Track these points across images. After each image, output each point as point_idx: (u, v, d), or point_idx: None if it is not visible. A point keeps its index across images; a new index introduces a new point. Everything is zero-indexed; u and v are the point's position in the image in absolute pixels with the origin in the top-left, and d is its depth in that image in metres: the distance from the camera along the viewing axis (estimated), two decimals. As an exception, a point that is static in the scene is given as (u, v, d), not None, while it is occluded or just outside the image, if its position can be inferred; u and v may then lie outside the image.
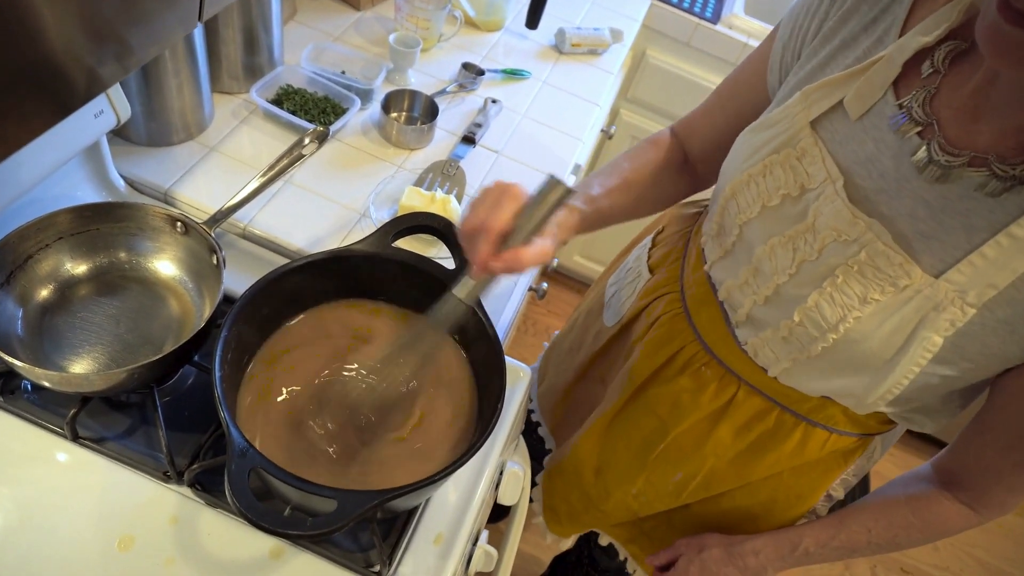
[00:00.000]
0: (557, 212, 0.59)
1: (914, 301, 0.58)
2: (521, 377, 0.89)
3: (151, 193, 0.96)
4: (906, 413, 0.70)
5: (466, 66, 1.30)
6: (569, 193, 0.58)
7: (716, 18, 1.64)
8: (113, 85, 0.63)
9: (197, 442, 0.73)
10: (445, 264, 0.74)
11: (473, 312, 0.71)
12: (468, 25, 1.41)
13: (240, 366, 0.69)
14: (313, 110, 1.09)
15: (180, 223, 0.77)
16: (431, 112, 1.16)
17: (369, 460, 0.68)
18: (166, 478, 0.70)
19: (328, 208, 1.00)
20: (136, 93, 0.92)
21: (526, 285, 1.05)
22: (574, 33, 1.42)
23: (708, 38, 1.64)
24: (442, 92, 1.23)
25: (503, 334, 0.93)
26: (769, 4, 1.78)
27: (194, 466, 0.69)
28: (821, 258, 0.63)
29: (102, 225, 0.77)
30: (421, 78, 1.26)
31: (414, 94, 1.17)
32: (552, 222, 0.61)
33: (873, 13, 0.62)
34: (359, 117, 1.15)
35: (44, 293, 0.74)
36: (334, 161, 1.07)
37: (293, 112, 1.07)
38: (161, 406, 0.71)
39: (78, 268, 0.77)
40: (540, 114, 1.28)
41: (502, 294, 0.98)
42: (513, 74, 1.33)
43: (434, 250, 0.95)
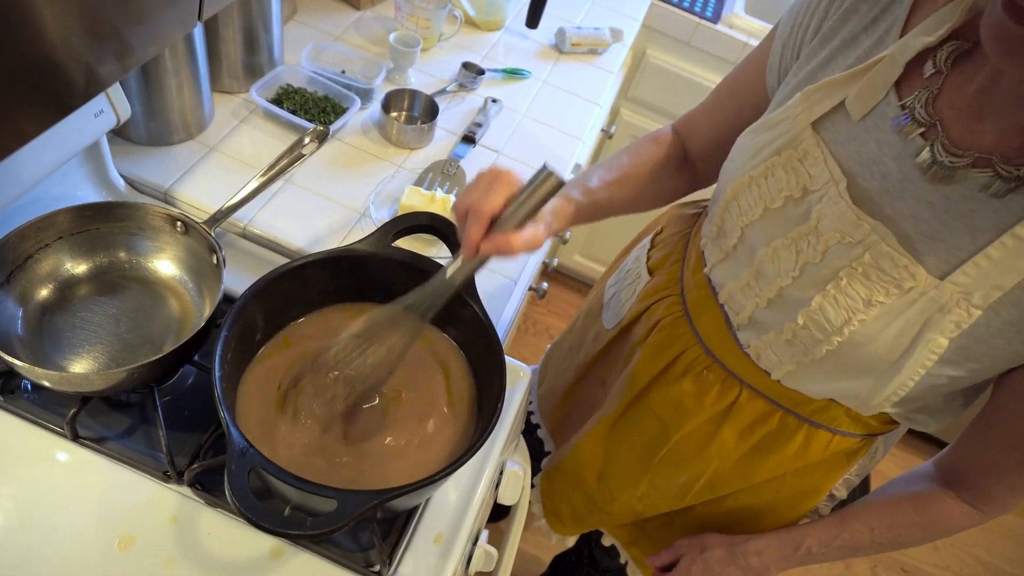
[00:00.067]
0: (549, 202, 0.60)
1: (919, 303, 0.58)
2: (521, 377, 0.89)
3: (151, 193, 0.96)
4: (909, 413, 0.70)
5: (466, 65, 1.30)
6: (561, 185, 0.59)
7: (716, 17, 1.64)
8: (113, 84, 0.63)
9: (197, 442, 0.73)
10: (445, 263, 0.74)
11: (472, 310, 0.71)
12: (468, 24, 1.41)
13: (240, 366, 0.69)
14: (313, 109, 1.08)
15: (180, 223, 0.77)
16: (431, 112, 1.16)
17: (369, 460, 0.68)
18: (166, 478, 0.70)
19: (328, 208, 1.00)
20: (136, 92, 0.92)
21: (526, 285, 1.05)
22: (574, 33, 1.42)
23: (708, 37, 1.64)
24: (442, 92, 1.23)
25: (503, 333, 0.93)
26: (770, 3, 1.78)
27: (194, 466, 0.69)
28: (825, 260, 0.63)
29: (102, 225, 0.77)
30: (421, 77, 1.26)
31: (414, 93, 1.17)
32: (545, 211, 0.62)
33: (873, 13, 0.61)
34: (359, 117, 1.15)
35: (44, 293, 0.74)
36: (334, 161, 1.07)
37: (293, 112, 1.07)
38: (161, 406, 0.71)
39: (78, 268, 0.77)
40: (540, 114, 1.27)
41: (502, 293, 0.98)
42: (513, 74, 1.33)
43: (434, 250, 0.95)
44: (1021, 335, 0.57)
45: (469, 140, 1.16)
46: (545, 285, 1.19)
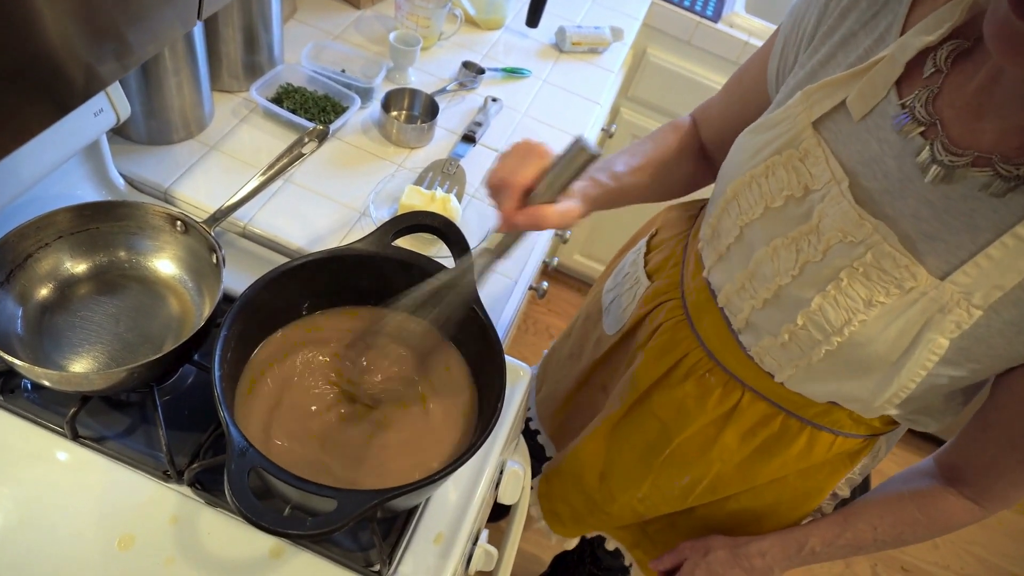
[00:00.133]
0: (582, 175, 0.59)
1: (919, 303, 0.58)
2: (521, 376, 0.89)
3: (151, 192, 0.95)
4: (910, 415, 0.70)
5: (466, 65, 1.30)
6: (594, 158, 0.58)
7: (717, 16, 1.64)
8: (112, 83, 0.63)
9: (197, 441, 0.73)
10: (445, 263, 0.74)
11: (472, 310, 0.71)
12: (468, 23, 1.41)
13: (240, 365, 0.69)
14: (313, 109, 1.08)
15: (180, 222, 0.77)
16: (431, 111, 1.16)
17: (369, 459, 0.67)
18: (166, 477, 0.70)
19: (328, 207, 1.00)
20: (136, 91, 0.92)
21: (526, 284, 1.05)
22: (574, 32, 1.41)
23: (709, 36, 1.64)
24: (442, 91, 1.22)
25: (503, 333, 0.93)
26: (770, 2, 1.78)
27: (194, 465, 0.69)
28: (825, 259, 0.62)
29: (102, 224, 0.77)
30: (421, 77, 1.26)
31: (414, 93, 1.17)
32: (575, 189, 0.61)
33: (873, 8, 0.61)
34: (359, 116, 1.15)
35: (44, 292, 0.74)
36: (334, 160, 1.06)
37: (293, 111, 1.07)
38: (161, 405, 0.71)
39: (78, 267, 0.77)
40: (540, 113, 1.27)
41: (502, 293, 0.98)
42: (513, 73, 1.32)
43: (434, 249, 0.95)
44: (1022, 335, 0.57)
45: (469, 139, 1.16)
46: (545, 284, 1.18)
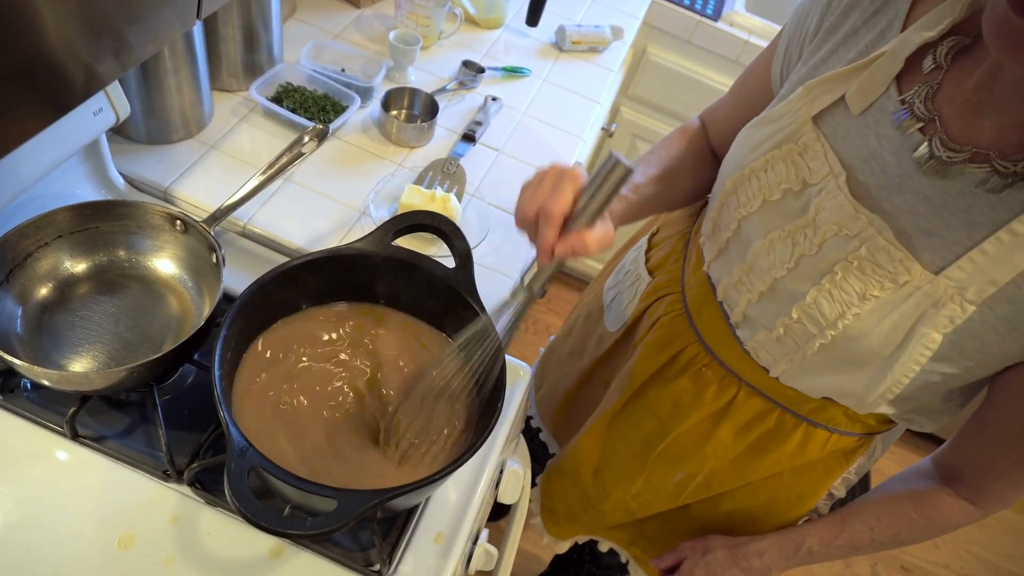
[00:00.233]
0: (617, 193, 0.57)
1: (913, 298, 0.58)
2: (521, 376, 0.89)
3: (150, 191, 0.95)
4: (906, 414, 0.70)
5: (466, 64, 1.29)
6: (630, 174, 0.56)
7: (717, 15, 1.64)
8: (112, 82, 0.63)
9: (197, 441, 0.73)
10: (445, 263, 0.74)
11: (473, 310, 0.71)
12: (468, 22, 1.40)
13: (240, 365, 0.69)
14: (313, 108, 1.08)
15: (180, 221, 0.77)
16: (431, 110, 1.16)
17: (369, 458, 0.67)
18: (166, 477, 0.70)
19: (328, 206, 0.99)
20: (135, 91, 0.92)
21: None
22: (574, 31, 1.41)
23: (709, 35, 1.64)
24: (442, 90, 1.22)
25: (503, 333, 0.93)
26: (770, 1, 1.78)
27: (194, 465, 0.69)
28: (821, 253, 0.63)
29: (101, 223, 0.77)
30: (421, 76, 1.26)
31: (414, 92, 1.17)
32: (612, 205, 0.59)
33: (875, 6, 0.61)
34: (359, 115, 1.15)
35: (43, 291, 0.74)
36: (334, 159, 1.06)
37: (293, 110, 1.07)
38: (161, 405, 0.71)
39: (77, 266, 0.77)
40: (541, 112, 1.27)
41: (502, 293, 0.98)
42: (513, 72, 1.32)
43: (434, 248, 0.95)
44: (1015, 332, 0.57)
45: (469, 138, 1.16)
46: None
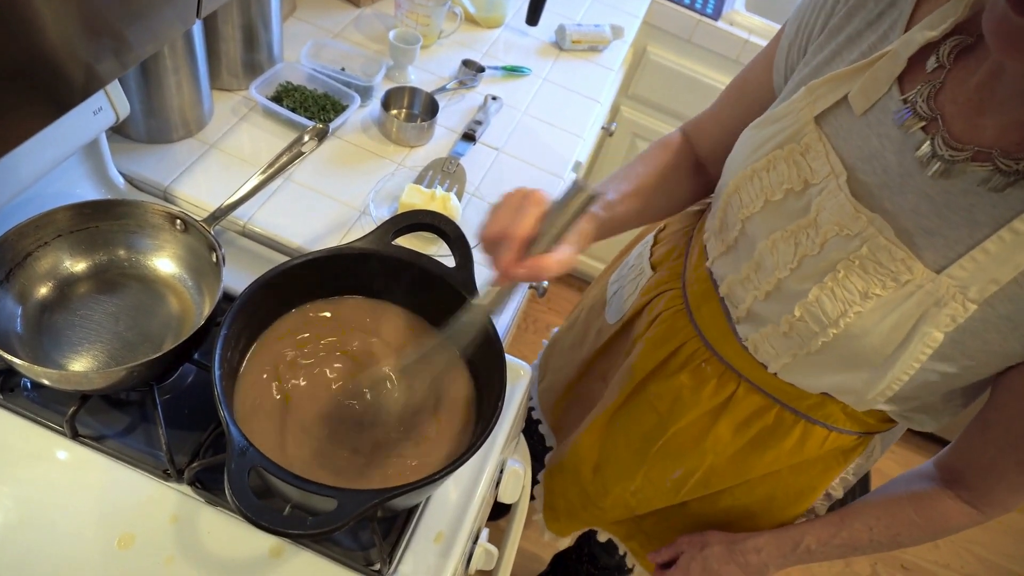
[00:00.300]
0: (580, 219, 0.58)
1: (915, 296, 0.58)
2: (521, 375, 0.89)
3: (150, 190, 0.95)
4: (907, 412, 0.70)
5: (466, 63, 1.29)
6: (593, 200, 0.57)
7: (717, 14, 1.64)
8: (111, 82, 0.63)
9: (197, 440, 0.73)
10: (445, 262, 0.74)
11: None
12: (468, 22, 1.40)
13: (240, 364, 0.69)
14: (313, 107, 1.08)
15: (179, 221, 0.77)
16: (431, 109, 1.16)
17: (369, 458, 0.67)
18: (166, 476, 0.70)
19: (328, 206, 0.99)
20: (135, 90, 0.92)
21: (526, 283, 1.05)
22: (575, 30, 1.41)
23: (709, 35, 1.64)
24: (442, 89, 1.22)
25: (503, 332, 0.93)
26: (770, 0, 1.78)
27: (194, 464, 0.69)
28: (822, 252, 0.63)
29: (101, 223, 0.77)
30: (421, 75, 1.26)
31: (414, 91, 1.17)
32: (575, 229, 0.60)
33: (879, 8, 0.61)
34: (359, 114, 1.15)
35: (43, 291, 0.74)
36: (334, 158, 1.06)
37: (293, 109, 1.07)
38: (161, 404, 0.71)
39: (77, 266, 0.77)
40: (541, 111, 1.27)
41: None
42: (513, 71, 1.32)
43: (434, 248, 0.95)
44: (1016, 331, 0.57)
45: (469, 138, 1.15)
46: (545, 283, 1.18)
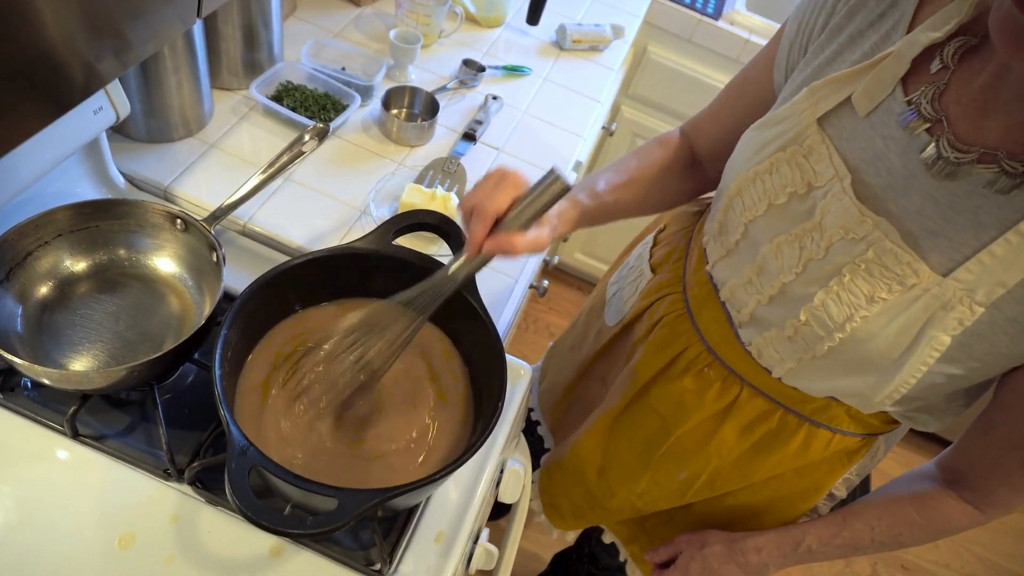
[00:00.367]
0: (555, 205, 0.61)
1: (922, 300, 0.58)
2: (522, 375, 0.89)
3: (151, 190, 0.95)
4: (910, 412, 0.70)
5: (467, 63, 1.29)
6: (567, 189, 0.60)
7: (718, 14, 1.64)
8: (112, 81, 0.63)
9: (197, 440, 0.73)
10: (446, 262, 0.73)
11: (473, 309, 0.71)
12: (469, 21, 1.40)
13: (240, 364, 0.69)
14: (313, 107, 1.08)
15: (180, 220, 0.77)
16: (432, 109, 1.15)
17: (370, 458, 0.67)
18: (166, 476, 0.70)
19: (328, 205, 0.99)
20: (136, 90, 0.92)
21: (527, 282, 1.05)
22: (575, 29, 1.41)
23: (710, 34, 1.64)
24: (443, 89, 1.22)
25: (504, 332, 0.93)
26: (771, 0, 1.78)
27: (194, 464, 0.69)
28: (828, 256, 0.62)
29: (101, 222, 0.76)
30: (421, 75, 1.26)
31: (414, 91, 1.17)
32: (551, 213, 0.63)
33: (880, 8, 0.61)
34: (359, 114, 1.15)
35: (43, 290, 0.74)
36: (334, 158, 1.06)
37: (293, 109, 1.07)
38: (161, 404, 0.71)
39: (77, 265, 0.77)
40: (541, 111, 1.27)
41: (503, 291, 0.98)
42: (514, 71, 1.32)
43: (435, 247, 0.95)
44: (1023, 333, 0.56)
45: (470, 137, 1.15)
46: (546, 283, 1.18)
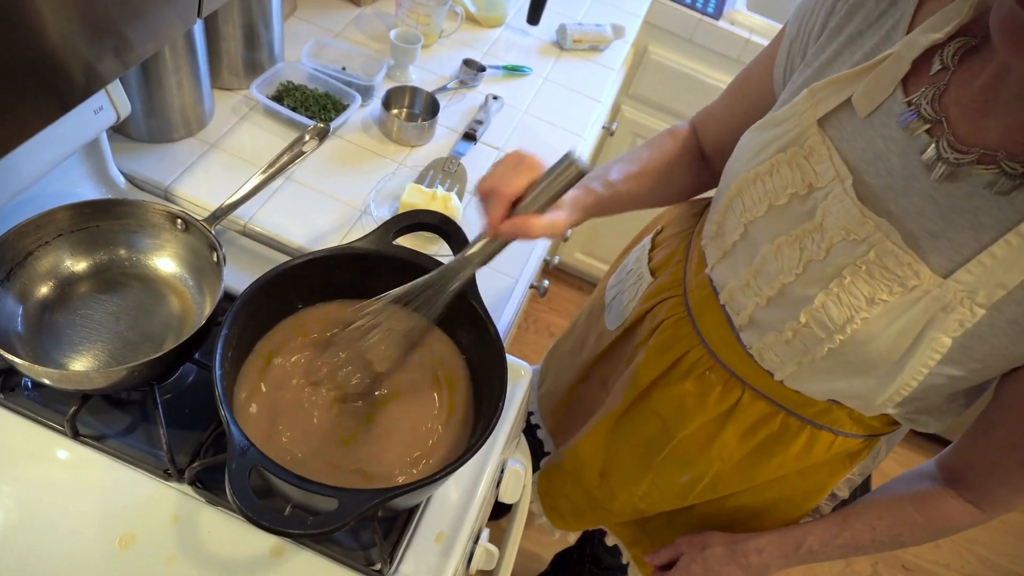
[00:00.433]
0: (570, 192, 0.61)
1: (922, 302, 0.58)
2: (522, 375, 0.89)
3: (151, 190, 0.95)
4: (911, 414, 0.70)
5: (467, 62, 1.29)
6: (583, 173, 0.60)
7: (718, 14, 1.64)
8: (113, 81, 0.63)
9: (198, 440, 0.73)
10: (446, 262, 0.73)
11: (474, 308, 0.71)
12: (469, 21, 1.40)
13: (241, 364, 0.69)
14: (314, 107, 1.08)
15: (180, 220, 0.77)
16: (432, 109, 1.15)
17: (370, 458, 0.67)
18: (167, 476, 0.70)
19: (329, 205, 0.99)
20: (136, 89, 0.92)
21: (527, 282, 1.05)
22: (576, 29, 1.41)
23: (710, 34, 1.63)
24: (443, 89, 1.22)
25: (504, 332, 0.93)
26: (771, 0, 1.78)
27: (195, 464, 0.69)
28: (829, 258, 0.62)
29: (102, 222, 0.76)
30: (422, 74, 1.26)
31: (415, 91, 1.17)
32: (565, 200, 0.62)
33: (880, 8, 0.61)
34: (360, 114, 1.15)
35: (44, 290, 0.74)
36: (335, 158, 1.06)
37: (293, 109, 1.07)
38: (162, 404, 0.71)
39: (78, 265, 0.77)
40: (541, 111, 1.27)
41: (503, 291, 0.98)
42: (514, 70, 1.32)
43: (435, 247, 0.95)
44: None
45: (470, 137, 1.15)
46: (546, 283, 1.18)
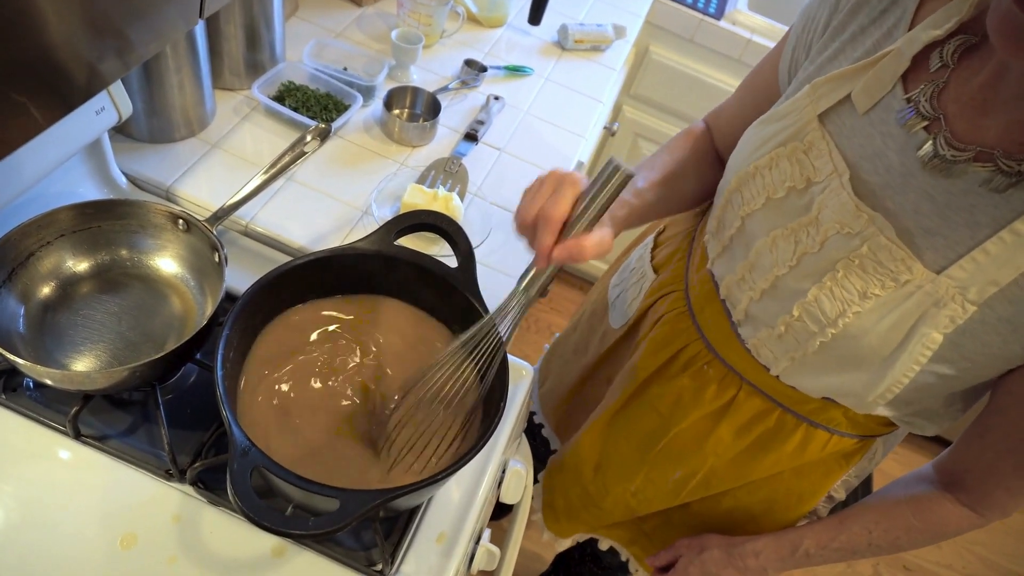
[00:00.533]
0: (616, 198, 0.58)
1: (914, 297, 0.58)
2: (523, 375, 0.89)
3: (153, 190, 0.95)
4: (907, 417, 0.70)
5: (468, 63, 1.29)
6: (630, 178, 0.56)
7: (720, 14, 1.64)
8: (114, 81, 0.63)
9: (199, 440, 0.73)
10: (448, 262, 0.74)
11: (475, 309, 0.71)
12: (470, 21, 1.40)
13: (242, 364, 0.69)
14: (315, 107, 1.08)
15: (182, 220, 0.77)
16: (433, 109, 1.15)
17: (371, 458, 0.67)
18: (168, 476, 0.70)
19: (330, 205, 0.99)
20: (138, 90, 0.92)
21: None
22: (577, 29, 1.41)
23: (712, 34, 1.63)
24: (444, 89, 1.22)
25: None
26: (773, 0, 1.77)
27: (196, 464, 0.69)
28: (823, 251, 0.63)
29: (104, 222, 0.77)
30: (423, 75, 1.26)
31: (416, 91, 1.17)
32: (605, 215, 0.59)
33: (883, 5, 0.61)
34: (361, 114, 1.15)
35: (46, 291, 0.74)
36: (336, 158, 1.06)
37: (295, 109, 1.07)
38: (163, 404, 0.71)
39: (80, 265, 0.77)
40: (543, 111, 1.27)
41: (505, 292, 0.98)
42: (516, 71, 1.32)
43: (436, 248, 0.95)
44: (1016, 333, 0.56)
45: (471, 138, 1.15)
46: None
